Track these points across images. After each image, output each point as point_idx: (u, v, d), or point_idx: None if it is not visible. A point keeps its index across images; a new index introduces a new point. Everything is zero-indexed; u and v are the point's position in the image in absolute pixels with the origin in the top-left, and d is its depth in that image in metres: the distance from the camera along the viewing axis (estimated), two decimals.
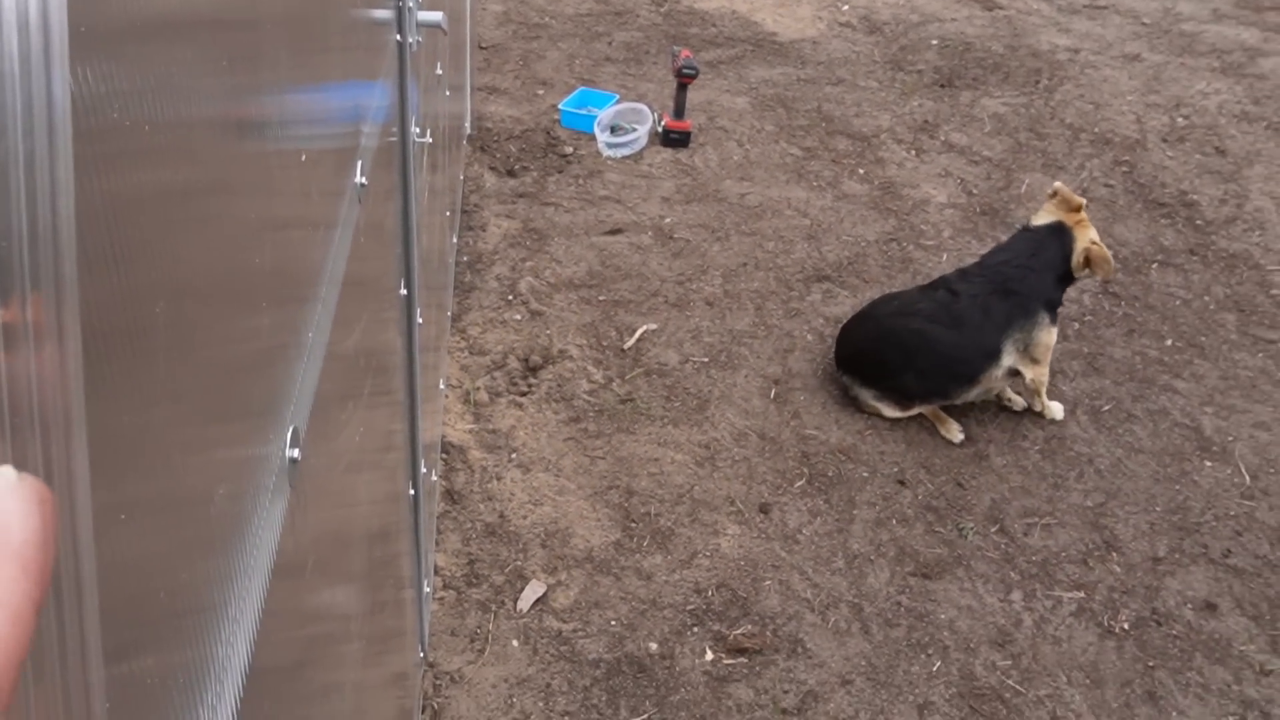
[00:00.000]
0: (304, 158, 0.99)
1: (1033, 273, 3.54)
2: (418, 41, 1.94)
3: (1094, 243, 3.56)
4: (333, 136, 1.19)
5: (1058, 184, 3.72)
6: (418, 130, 2.03)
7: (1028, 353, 3.54)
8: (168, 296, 0.57)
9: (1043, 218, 3.67)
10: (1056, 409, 3.67)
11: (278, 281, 0.89)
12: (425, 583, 2.69)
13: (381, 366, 1.70)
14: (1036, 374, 3.57)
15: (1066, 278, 3.60)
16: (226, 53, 0.70)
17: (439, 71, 2.78)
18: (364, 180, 1.36)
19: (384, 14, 1.66)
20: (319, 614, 1.14)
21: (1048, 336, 3.55)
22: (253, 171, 0.80)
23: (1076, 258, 3.56)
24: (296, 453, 0.93)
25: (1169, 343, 4.06)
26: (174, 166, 0.59)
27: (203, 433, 0.66)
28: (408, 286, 2.04)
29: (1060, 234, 3.59)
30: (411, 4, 1.87)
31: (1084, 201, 3.63)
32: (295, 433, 0.93)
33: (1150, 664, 2.90)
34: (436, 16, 1.92)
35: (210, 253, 0.67)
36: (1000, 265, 3.59)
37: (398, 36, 1.79)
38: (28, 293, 0.37)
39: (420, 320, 2.20)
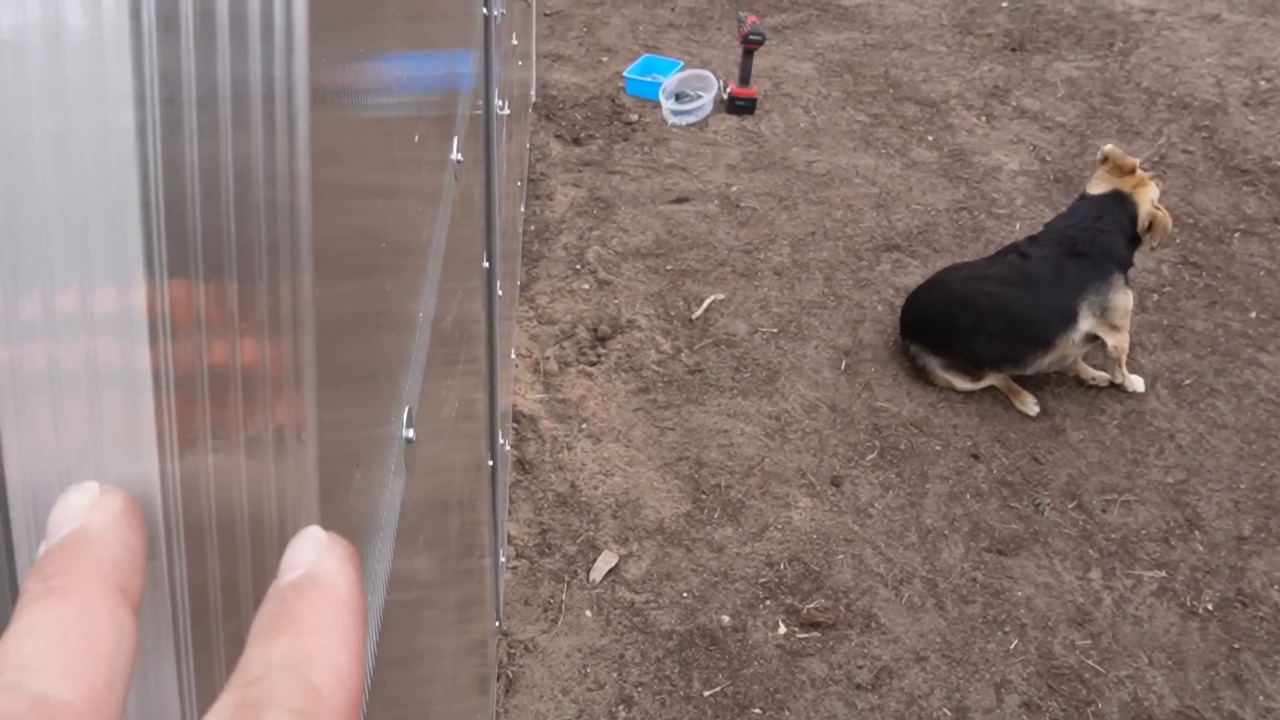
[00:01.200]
0: (417, 129, 0.96)
1: (1102, 234, 3.48)
2: (502, 14, 1.91)
3: (1156, 206, 3.50)
4: (436, 106, 1.16)
5: (1108, 147, 3.64)
6: (500, 102, 2.00)
7: (1105, 318, 3.47)
8: (320, 279, 0.55)
9: (1098, 185, 3.60)
10: (1137, 382, 3.59)
11: (397, 258, 0.87)
12: (500, 552, 2.70)
13: (468, 337, 1.69)
14: (1118, 341, 3.50)
15: (1135, 241, 3.53)
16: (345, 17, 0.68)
17: (514, 42, 2.75)
18: (459, 155, 1.34)
19: None
20: (420, 584, 1.14)
21: (1124, 299, 3.48)
22: (372, 142, 0.78)
23: (1142, 221, 3.50)
24: (411, 433, 0.91)
25: (1253, 315, 3.96)
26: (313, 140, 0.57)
27: (342, 415, 0.64)
28: (489, 258, 2.03)
29: (1121, 200, 3.53)
30: None
31: (1137, 162, 3.56)
32: (410, 412, 0.91)
33: (1235, 646, 2.84)
34: None
35: (343, 229, 0.65)
36: (1067, 229, 3.53)
37: (484, 9, 1.76)
38: (264, 280, 0.35)
39: (500, 292, 2.19)
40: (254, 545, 0.36)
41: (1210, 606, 2.93)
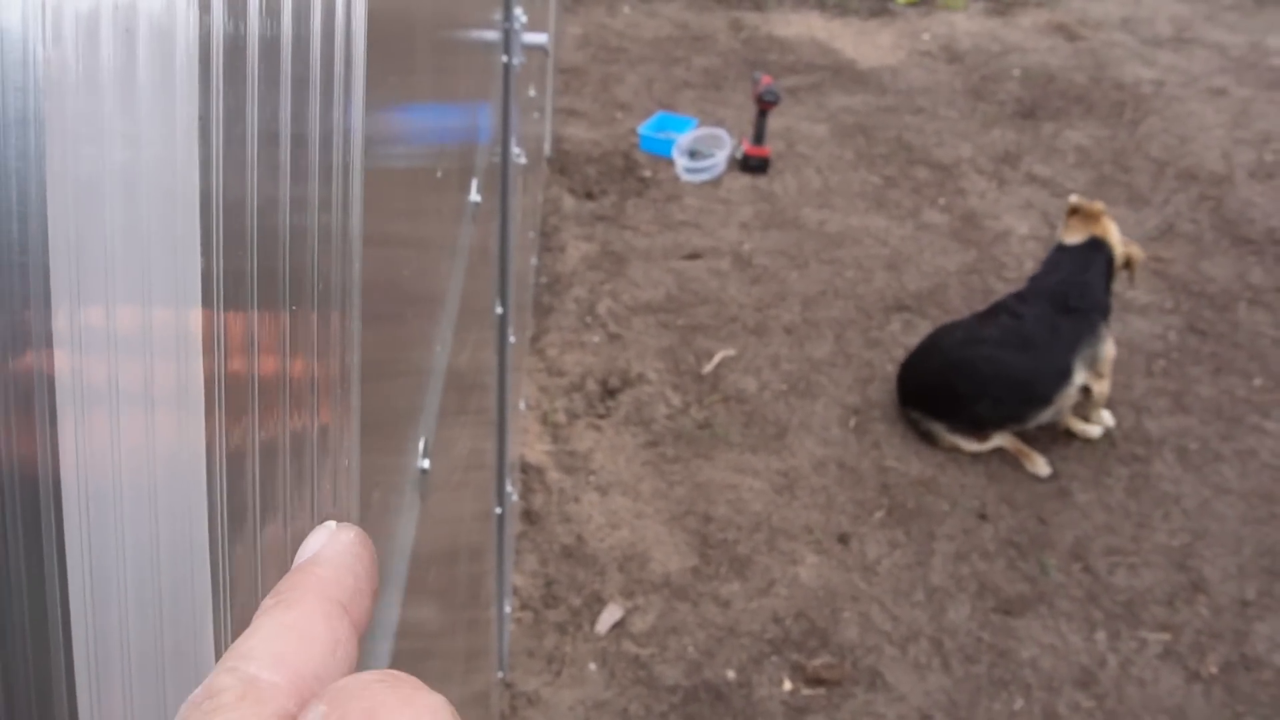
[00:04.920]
0: (439, 174, 1.00)
1: (1089, 287, 3.61)
2: (521, 62, 1.96)
3: (1127, 241, 3.72)
4: (457, 155, 1.20)
5: (1074, 197, 3.80)
6: (518, 151, 2.04)
7: (1094, 368, 3.59)
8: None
9: (1074, 234, 3.70)
10: (1107, 416, 3.70)
11: (418, 296, 0.89)
12: (505, 602, 2.70)
13: (480, 385, 1.71)
14: (1102, 387, 3.64)
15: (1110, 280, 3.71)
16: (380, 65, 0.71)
17: (532, 94, 2.80)
18: (479, 198, 1.38)
19: (494, 35, 1.68)
20: (426, 628, 1.15)
21: (1110, 350, 3.64)
22: (396, 187, 0.81)
23: (1119, 260, 3.68)
24: (427, 463, 0.93)
25: (1257, 382, 3.97)
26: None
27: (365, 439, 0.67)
28: (503, 305, 2.06)
29: (1099, 246, 3.67)
30: (517, 26, 1.89)
31: (1102, 206, 3.71)
32: (426, 444, 0.94)
33: (1239, 710, 2.83)
34: (542, 39, 1.94)
35: (368, 266, 0.68)
36: (1058, 285, 3.63)
37: (504, 57, 1.81)
38: (316, 302, 0.38)
39: (513, 339, 2.22)
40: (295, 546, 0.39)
41: (1214, 670, 2.92)
